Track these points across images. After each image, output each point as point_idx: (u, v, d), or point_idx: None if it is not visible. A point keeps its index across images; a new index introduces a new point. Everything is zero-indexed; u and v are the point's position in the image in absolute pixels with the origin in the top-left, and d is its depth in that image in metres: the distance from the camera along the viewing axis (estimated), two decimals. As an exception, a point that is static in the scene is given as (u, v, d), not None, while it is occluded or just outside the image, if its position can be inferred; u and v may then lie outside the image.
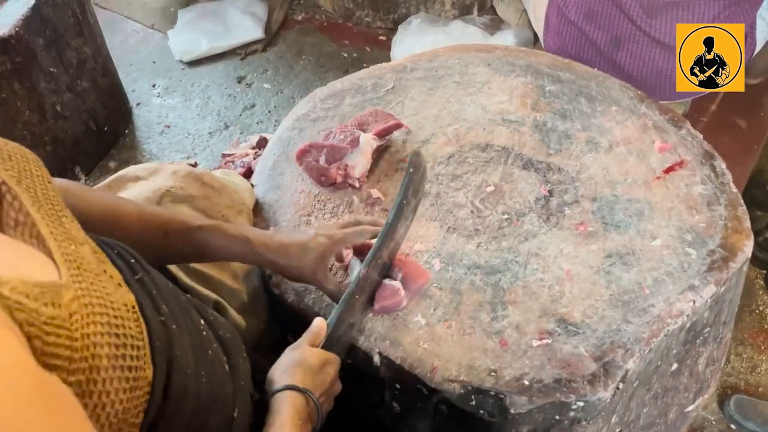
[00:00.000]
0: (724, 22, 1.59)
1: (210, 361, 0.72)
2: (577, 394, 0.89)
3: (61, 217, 0.60)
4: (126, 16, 2.81)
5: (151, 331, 0.59)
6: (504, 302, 1.00)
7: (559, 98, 1.33)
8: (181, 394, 0.62)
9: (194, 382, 0.65)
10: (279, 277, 1.07)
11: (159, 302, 0.66)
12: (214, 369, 0.72)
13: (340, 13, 2.69)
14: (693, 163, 1.18)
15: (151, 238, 0.87)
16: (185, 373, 0.63)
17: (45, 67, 1.86)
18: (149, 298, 0.65)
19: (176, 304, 0.71)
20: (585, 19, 1.72)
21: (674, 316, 0.97)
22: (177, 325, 0.66)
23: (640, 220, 1.10)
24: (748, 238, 1.07)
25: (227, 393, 0.73)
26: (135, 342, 0.56)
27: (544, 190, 1.16)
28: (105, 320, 0.53)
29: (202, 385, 0.67)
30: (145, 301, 0.63)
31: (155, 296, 0.67)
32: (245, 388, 0.79)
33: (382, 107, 1.34)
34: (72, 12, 1.95)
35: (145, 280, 0.68)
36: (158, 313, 0.64)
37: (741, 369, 1.70)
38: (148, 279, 0.68)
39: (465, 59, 1.45)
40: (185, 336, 0.68)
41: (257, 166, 1.32)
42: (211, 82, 2.49)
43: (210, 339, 0.76)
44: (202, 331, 0.74)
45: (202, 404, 0.66)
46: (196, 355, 0.68)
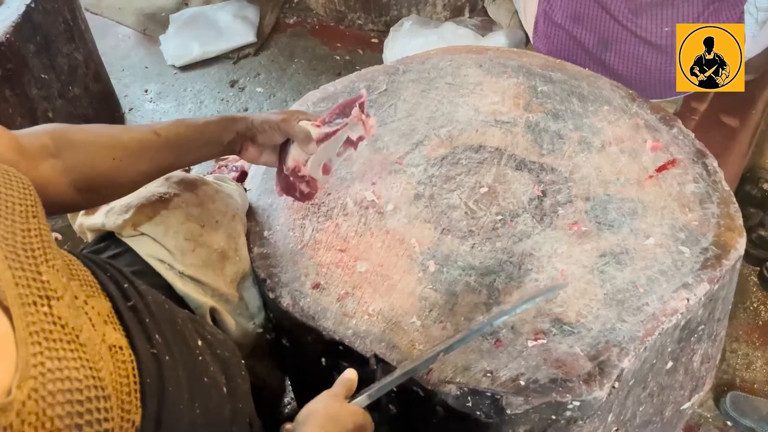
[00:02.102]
0: (710, 18, 1.60)
1: (205, 389, 0.71)
2: (573, 393, 0.89)
3: (39, 266, 0.56)
4: (117, 21, 2.80)
5: (141, 368, 0.58)
6: (499, 303, 1.01)
7: (551, 98, 1.34)
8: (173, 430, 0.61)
9: (188, 414, 0.64)
10: (274, 281, 1.07)
11: (152, 332, 0.65)
12: (210, 397, 0.71)
13: (332, 16, 2.69)
14: (685, 162, 1.18)
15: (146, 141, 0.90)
16: (178, 408, 0.62)
17: (36, 74, 1.85)
18: (141, 327, 0.64)
19: (171, 329, 0.70)
20: (572, 22, 1.73)
21: (668, 315, 0.97)
22: (170, 356, 0.65)
23: (633, 219, 1.10)
24: (740, 235, 1.07)
25: (225, 418, 0.72)
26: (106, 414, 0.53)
27: (537, 190, 1.16)
28: (65, 411, 0.50)
29: (197, 416, 0.66)
30: (137, 333, 0.62)
31: (148, 325, 0.65)
32: (244, 410, 0.78)
33: (375, 109, 1.34)
34: (63, 18, 1.95)
35: (139, 308, 0.66)
36: (150, 345, 0.63)
37: (736, 366, 1.70)
38: (142, 306, 0.67)
39: (457, 61, 1.45)
40: (179, 367, 0.66)
41: (250, 170, 1.32)
42: (203, 86, 2.49)
43: (207, 364, 0.74)
44: (198, 356, 0.73)
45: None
46: (190, 385, 0.67)
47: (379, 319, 1.00)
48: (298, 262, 1.09)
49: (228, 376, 0.77)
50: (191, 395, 0.66)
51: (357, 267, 1.08)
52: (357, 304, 1.03)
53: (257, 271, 1.10)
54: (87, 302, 0.60)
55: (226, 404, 0.73)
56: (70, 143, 0.82)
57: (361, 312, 1.02)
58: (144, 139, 0.90)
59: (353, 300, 1.04)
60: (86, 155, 0.83)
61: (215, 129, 0.98)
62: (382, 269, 1.07)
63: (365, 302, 1.03)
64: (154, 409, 0.59)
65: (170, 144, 0.92)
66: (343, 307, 1.03)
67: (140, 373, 0.58)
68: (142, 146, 0.89)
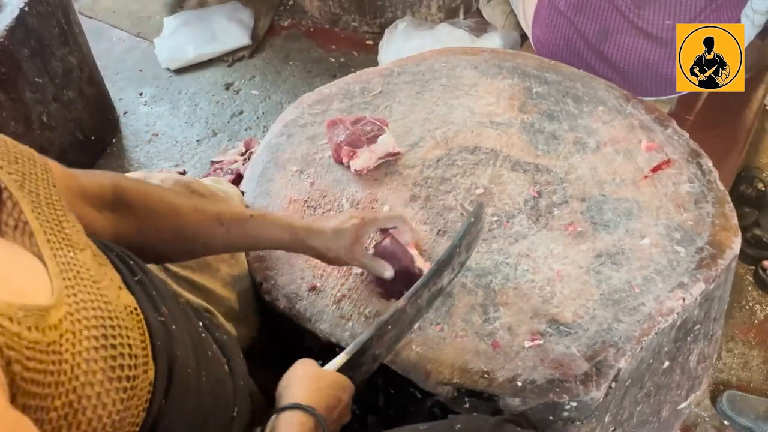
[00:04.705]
0: (712, 14, 1.61)
1: (210, 361, 0.72)
2: (570, 394, 0.89)
3: (62, 222, 0.60)
4: (112, 24, 2.80)
5: (152, 332, 0.60)
6: (495, 304, 1.01)
7: (546, 99, 1.34)
8: (182, 393, 0.63)
9: (195, 380, 0.66)
10: (270, 283, 1.07)
11: (159, 303, 0.67)
12: (215, 369, 0.73)
13: (327, 18, 2.69)
14: (680, 162, 1.19)
15: (207, 229, 0.87)
16: (186, 372, 0.64)
17: (30, 78, 1.84)
18: (149, 299, 0.66)
19: (175, 305, 0.72)
20: (575, 10, 1.74)
21: (665, 314, 0.97)
22: (177, 326, 0.67)
23: (628, 220, 1.10)
24: (736, 234, 1.07)
25: (228, 392, 0.74)
26: (133, 350, 0.56)
27: (533, 191, 1.17)
28: (100, 333, 0.53)
29: (203, 383, 0.67)
30: (145, 302, 0.64)
31: (155, 297, 0.67)
32: (244, 388, 0.79)
33: (370, 111, 1.34)
34: (57, 22, 1.94)
35: (145, 282, 0.68)
36: (158, 313, 0.65)
37: (733, 365, 1.70)
38: (147, 280, 0.69)
39: (452, 62, 1.45)
40: (185, 336, 0.68)
41: (246, 172, 1.32)
42: (198, 89, 2.49)
43: (209, 341, 0.76)
44: (200, 333, 0.75)
45: (203, 402, 0.67)
46: (196, 354, 0.68)
47: (375, 321, 1.00)
48: (294, 265, 1.09)
49: (228, 357, 0.78)
50: (197, 363, 0.67)
51: (353, 269, 1.07)
52: (353, 307, 1.03)
53: (253, 274, 1.10)
54: (102, 266, 0.62)
55: (228, 380, 0.75)
56: (128, 205, 0.81)
57: (357, 314, 1.02)
58: (204, 226, 0.87)
59: (349, 302, 1.03)
60: (138, 226, 0.82)
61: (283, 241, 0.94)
62: (379, 271, 1.07)
63: (361, 304, 1.03)
64: (165, 367, 0.60)
65: (231, 238, 0.89)
66: (340, 309, 1.03)
67: (151, 335, 0.60)
68: (199, 233, 0.87)
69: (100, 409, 0.51)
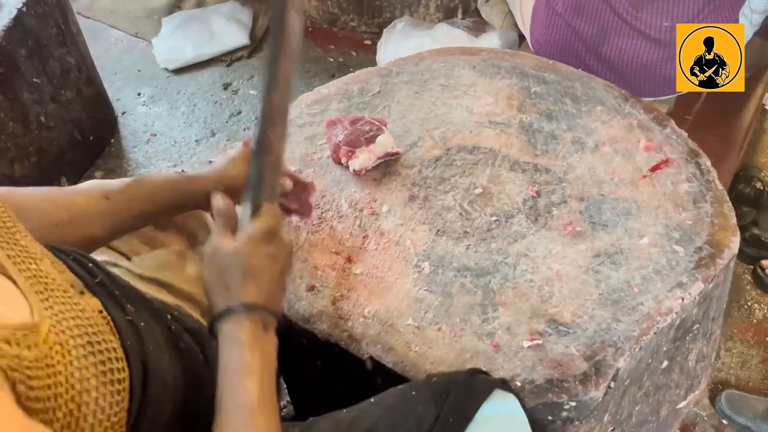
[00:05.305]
0: (710, 15, 1.61)
1: (183, 354, 0.72)
2: (569, 394, 0.89)
3: (14, 234, 0.59)
4: (110, 24, 2.79)
5: (121, 332, 0.60)
6: (494, 304, 1.01)
7: (545, 99, 1.34)
8: (160, 388, 0.63)
9: (171, 374, 0.66)
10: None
11: (123, 303, 0.66)
12: (190, 359, 0.72)
13: (325, 18, 2.69)
14: (678, 162, 1.19)
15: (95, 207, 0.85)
16: (161, 368, 0.64)
17: (28, 78, 1.84)
18: (113, 299, 0.65)
19: (140, 302, 0.72)
20: (573, 12, 1.74)
21: (663, 314, 0.97)
22: (145, 322, 0.67)
23: (627, 219, 1.10)
24: (734, 234, 1.07)
25: (206, 381, 0.73)
26: (114, 353, 0.56)
27: (531, 191, 1.17)
28: (85, 340, 0.53)
29: (179, 376, 0.67)
30: (109, 303, 0.63)
31: (118, 297, 0.66)
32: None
33: (369, 111, 1.34)
34: (55, 22, 1.94)
35: (106, 282, 0.67)
36: (125, 313, 0.65)
37: (731, 364, 1.71)
38: (108, 281, 0.68)
39: (450, 62, 1.45)
40: (155, 331, 0.68)
41: (244, 173, 1.32)
42: (196, 89, 2.48)
43: (180, 332, 0.75)
44: (170, 327, 0.74)
45: (182, 395, 0.67)
46: (169, 348, 0.68)
47: (374, 321, 1.00)
48: (292, 265, 1.09)
49: (203, 345, 0.77)
50: (171, 357, 0.67)
51: (352, 269, 1.07)
52: (352, 307, 1.03)
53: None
54: (61, 273, 0.61)
55: (205, 372, 0.74)
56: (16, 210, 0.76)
57: (356, 314, 1.02)
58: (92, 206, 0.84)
59: (348, 302, 1.03)
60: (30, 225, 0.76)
61: (169, 195, 0.91)
62: (377, 271, 1.07)
63: (360, 304, 1.03)
64: (139, 368, 0.60)
65: (118, 208, 0.87)
66: (339, 309, 1.03)
67: (120, 336, 0.60)
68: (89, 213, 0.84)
69: (99, 414, 0.51)
